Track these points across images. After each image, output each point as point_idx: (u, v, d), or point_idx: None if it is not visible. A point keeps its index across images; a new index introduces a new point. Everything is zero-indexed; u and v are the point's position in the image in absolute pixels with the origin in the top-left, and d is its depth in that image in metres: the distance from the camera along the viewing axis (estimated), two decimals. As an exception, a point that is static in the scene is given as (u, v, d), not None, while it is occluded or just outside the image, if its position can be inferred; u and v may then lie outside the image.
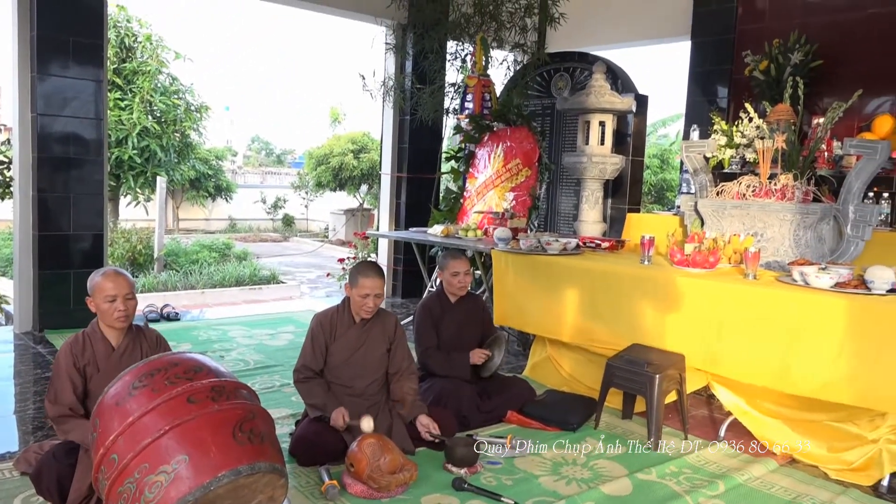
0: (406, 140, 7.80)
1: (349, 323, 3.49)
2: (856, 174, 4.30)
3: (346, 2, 7.29)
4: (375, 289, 3.39)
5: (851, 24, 6.29)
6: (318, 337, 3.46)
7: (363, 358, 3.46)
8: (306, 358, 3.46)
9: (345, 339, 3.46)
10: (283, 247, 14.98)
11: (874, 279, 3.43)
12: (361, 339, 3.47)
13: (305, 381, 3.43)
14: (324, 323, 3.49)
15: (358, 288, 3.39)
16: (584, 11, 8.02)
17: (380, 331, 3.52)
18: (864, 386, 3.28)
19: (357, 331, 3.48)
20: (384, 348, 3.52)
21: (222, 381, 2.43)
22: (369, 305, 3.40)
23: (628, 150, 6.70)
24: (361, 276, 3.39)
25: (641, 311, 4.11)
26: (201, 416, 2.28)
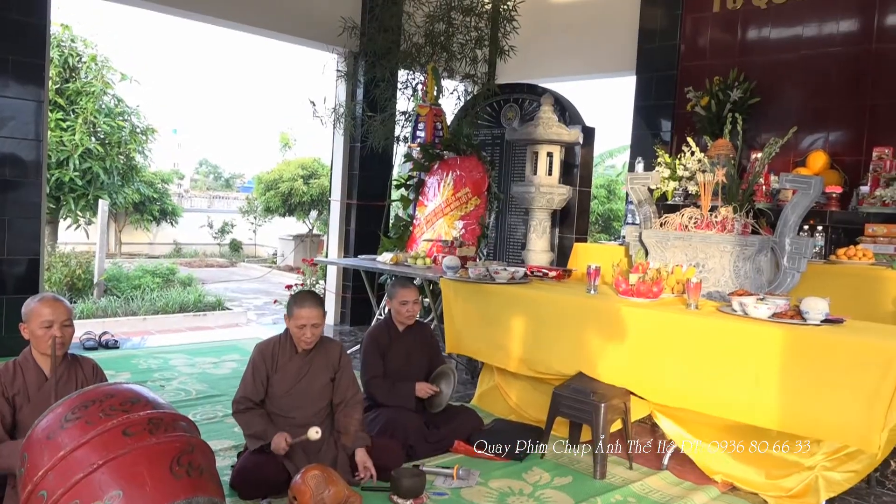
0: (356, 167, 7.80)
1: (291, 353, 3.41)
2: (791, 208, 4.46)
3: (297, 29, 7.29)
4: (312, 319, 3.31)
5: (786, 63, 6.57)
6: (258, 367, 3.38)
7: (306, 388, 3.40)
8: (246, 389, 3.37)
9: (287, 370, 3.38)
10: (229, 272, 14.72)
11: (809, 310, 3.55)
12: (304, 370, 3.40)
13: (245, 411, 3.34)
14: (265, 352, 3.41)
15: (294, 319, 3.32)
16: (534, 45, 8.19)
17: (323, 360, 3.45)
18: (799, 413, 3.37)
19: (299, 360, 3.41)
20: (328, 378, 3.45)
21: (160, 412, 2.36)
22: (307, 336, 3.32)
23: (576, 181, 6.82)
24: (297, 306, 3.32)
25: (587, 341, 4.15)
26: (137, 449, 2.21)
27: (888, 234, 5.15)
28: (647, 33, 7.46)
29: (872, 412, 3.16)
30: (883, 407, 3.13)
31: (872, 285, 4.57)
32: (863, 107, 6.18)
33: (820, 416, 3.31)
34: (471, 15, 7.24)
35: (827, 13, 6.37)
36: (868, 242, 5.17)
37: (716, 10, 7.01)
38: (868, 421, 3.16)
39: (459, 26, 7.24)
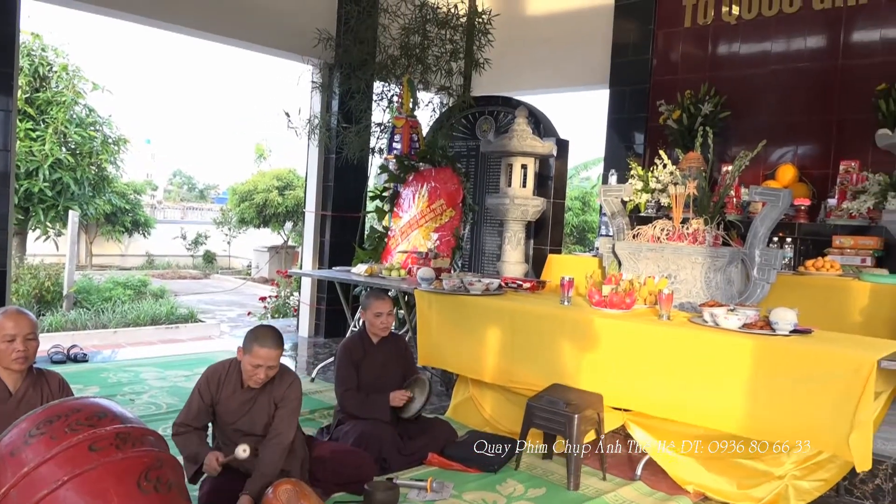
0: (331, 178, 7.78)
1: (236, 386, 3.17)
2: (761, 220, 4.53)
3: (272, 40, 7.27)
4: (270, 360, 3.06)
5: (756, 78, 6.69)
6: (204, 395, 3.16)
7: (251, 423, 3.19)
8: (189, 415, 3.15)
9: (228, 403, 3.16)
10: (203, 284, 14.57)
11: (778, 320, 3.60)
12: (246, 407, 3.18)
13: (182, 434, 3.15)
14: (211, 381, 3.18)
15: (251, 356, 3.05)
16: (509, 58, 8.25)
17: (267, 399, 3.18)
18: (770, 421, 3.41)
19: (243, 395, 3.17)
20: (269, 414, 3.18)
21: (128, 427, 2.32)
22: (260, 377, 3.08)
23: (550, 193, 6.87)
24: (258, 343, 3.05)
25: (561, 352, 4.17)
26: (103, 464, 2.17)
27: (855, 246, 5.25)
28: (620, 47, 7.56)
29: (841, 420, 3.20)
30: (852, 415, 3.18)
31: (840, 296, 4.65)
32: (830, 121, 6.31)
33: (791, 425, 3.35)
34: (446, 28, 7.27)
35: (794, 29, 6.50)
36: (836, 254, 5.26)
37: (687, 26, 7.12)
38: (838, 428, 3.21)
39: (435, 39, 7.27)
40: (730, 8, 6.84)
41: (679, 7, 7.17)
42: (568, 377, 4.12)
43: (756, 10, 6.69)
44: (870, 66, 6.10)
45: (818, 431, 3.27)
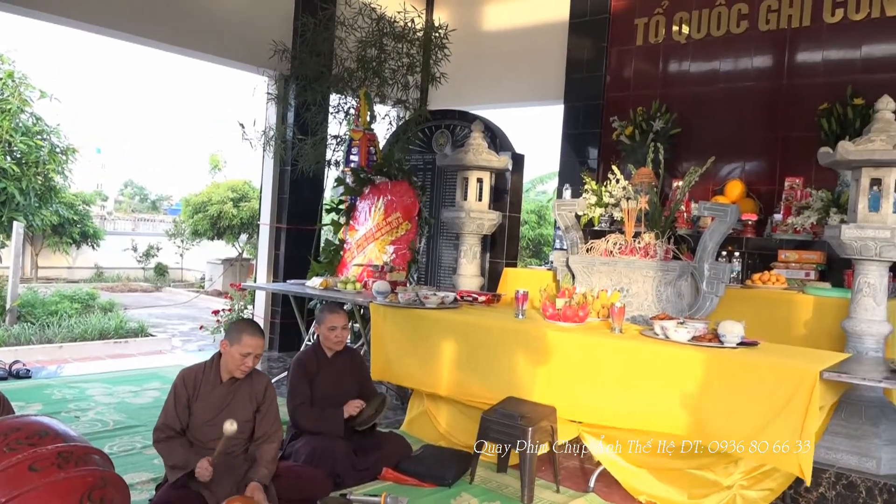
0: (286, 190, 7.71)
1: (215, 381, 3.32)
2: (710, 234, 4.63)
3: (228, 51, 7.20)
4: (258, 348, 3.29)
5: (705, 96, 6.87)
6: (180, 394, 3.27)
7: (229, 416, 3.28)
8: (167, 416, 3.26)
9: (209, 398, 3.28)
10: (154, 297, 14.26)
11: (726, 333, 3.68)
12: (227, 399, 3.30)
13: (166, 440, 3.22)
14: (188, 379, 3.31)
15: (240, 346, 3.24)
16: (466, 72, 8.32)
17: (247, 392, 3.35)
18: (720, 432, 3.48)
19: (223, 390, 3.31)
20: (251, 410, 3.34)
21: (70, 445, 2.26)
22: (248, 364, 3.27)
23: (506, 206, 6.92)
24: (246, 333, 3.26)
25: (515, 365, 4.19)
26: (45, 485, 2.11)
27: (799, 260, 5.41)
28: (575, 64, 7.69)
29: (786, 430, 3.28)
30: (797, 425, 3.26)
31: (785, 309, 4.78)
32: (776, 138, 6.50)
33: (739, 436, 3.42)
34: (403, 41, 7.30)
35: (742, 50, 6.70)
36: (781, 268, 5.41)
37: (639, 44, 7.28)
38: (783, 438, 3.29)
39: (391, 52, 7.29)
40: (680, 28, 7.02)
41: (631, 26, 7.33)
42: (522, 390, 4.15)
43: (705, 30, 6.88)
44: (813, 85, 6.32)
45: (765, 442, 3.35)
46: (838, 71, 6.21)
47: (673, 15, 7.07)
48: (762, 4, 6.58)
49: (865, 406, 3.91)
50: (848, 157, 3.90)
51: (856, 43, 6.16)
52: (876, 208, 3.91)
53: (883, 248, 3.84)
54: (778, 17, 6.51)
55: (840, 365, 3.46)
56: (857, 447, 3.76)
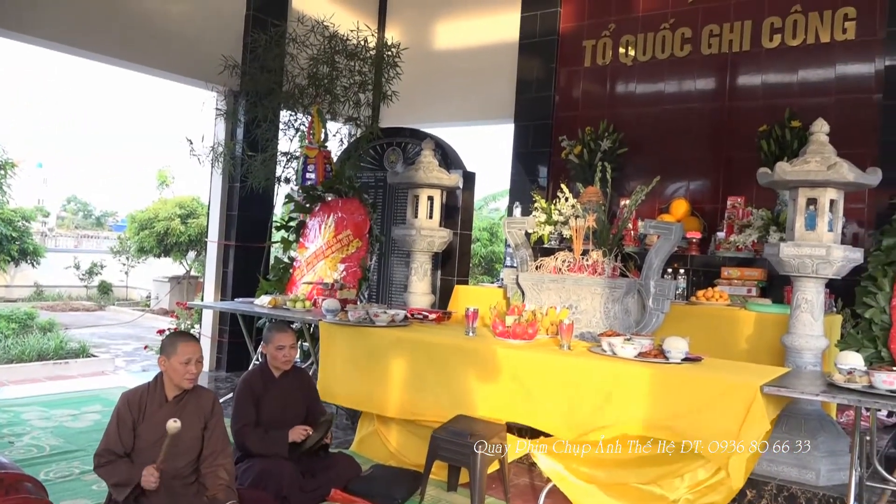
0: (235, 207, 7.59)
1: (161, 401, 3.24)
2: (655, 252, 4.72)
3: (176, 66, 7.09)
4: (196, 353, 3.24)
5: (651, 116, 7.04)
6: (124, 417, 3.18)
7: (176, 438, 3.21)
8: (110, 441, 3.15)
9: (155, 419, 3.19)
10: (97, 316, 13.85)
11: (671, 349, 3.75)
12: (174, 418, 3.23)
13: (107, 464, 3.12)
14: (132, 402, 3.21)
15: (178, 355, 3.19)
16: (418, 90, 8.36)
17: (195, 408, 3.28)
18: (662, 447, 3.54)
19: (169, 409, 3.22)
20: (199, 428, 3.28)
21: (1, 473, 2.16)
22: (192, 371, 3.21)
23: (457, 224, 6.95)
24: (180, 342, 3.22)
25: (466, 383, 4.19)
26: (-29, 515, 2.01)
27: (741, 277, 5.55)
28: (525, 84, 7.80)
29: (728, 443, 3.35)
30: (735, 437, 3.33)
31: (728, 325, 4.90)
32: (719, 159, 6.70)
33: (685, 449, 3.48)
34: (354, 59, 7.30)
35: (686, 72, 6.90)
36: (724, 285, 5.55)
37: (587, 65, 7.43)
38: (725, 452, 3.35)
39: (343, 70, 7.27)
40: (626, 50, 7.19)
41: (579, 47, 7.48)
42: (472, 408, 4.14)
43: (650, 52, 7.06)
44: (753, 108, 6.54)
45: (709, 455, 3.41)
46: (777, 94, 6.44)
47: (619, 38, 7.25)
48: (704, 29, 6.79)
49: (805, 419, 4.03)
50: (785, 177, 4.03)
51: (793, 67, 6.40)
52: (812, 227, 4.04)
53: (819, 266, 3.97)
54: (720, 42, 6.73)
55: (780, 379, 3.56)
56: (798, 459, 3.86)
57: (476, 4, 8.45)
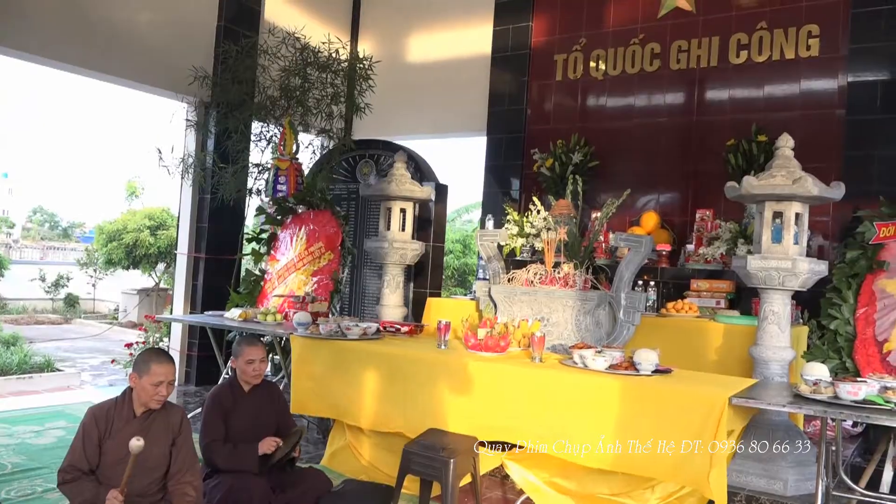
0: (205, 219, 7.51)
1: (129, 417, 3.18)
2: (626, 264, 4.77)
3: (145, 76, 7.02)
4: (169, 375, 3.18)
5: (622, 130, 7.12)
6: (90, 432, 3.11)
7: (142, 456, 3.15)
8: (74, 457, 3.09)
9: (123, 435, 3.12)
10: (63, 330, 13.58)
11: (641, 361, 3.78)
12: (141, 436, 3.16)
13: (72, 481, 3.05)
14: (98, 417, 3.15)
15: (150, 375, 3.13)
16: (391, 103, 8.37)
17: (163, 425, 3.22)
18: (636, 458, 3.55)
19: (137, 425, 3.16)
20: (167, 444, 3.22)
21: (-42, 493, 2.10)
22: (162, 393, 3.16)
23: (429, 236, 6.95)
24: (154, 362, 3.16)
25: (438, 396, 4.17)
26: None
27: (710, 289, 5.62)
28: (497, 97, 7.85)
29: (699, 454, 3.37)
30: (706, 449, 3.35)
31: (697, 336, 4.95)
32: (688, 172, 6.79)
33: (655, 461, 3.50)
34: (327, 71, 7.29)
35: (655, 87, 7.00)
36: (694, 297, 5.61)
37: (559, 79, 7.50)
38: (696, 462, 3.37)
39: (315, 82, 7.26)
40: (597, 64, 7.28)
41: (551, 61, 7.55)
42: (444, 421, 4.13)
43: (621, 67, 7.16)
44: (721, 122, 6.65)
45: (679, 466, 3.43)
46: (743, 109, 6.56)
47: (590, 52, 7.33)
48: (673, 45, 6.90)
49: (772, 429, 4.08)
50: (752, 191, 4.10)
51: (759, 83, 6.53)
52: (778, 240, 4.11)
53: (785, 278, 4.04)
54: (688, 58, 6.84)
55: (748, 390, 3.60)
56: (766, 469, 3.91)
57: (449, 18, 8.50)
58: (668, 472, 3.48)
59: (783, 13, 6.44)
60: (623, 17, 7.20)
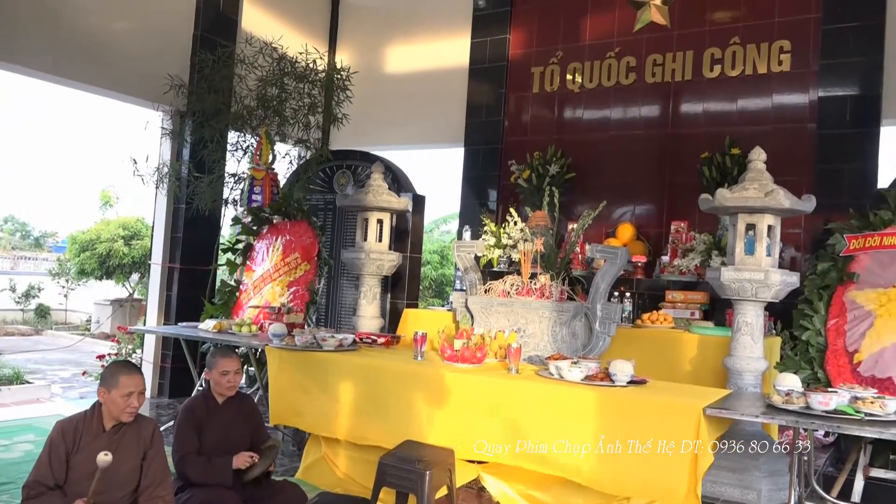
0: (180, 229, 7.44)
1: (97, 431, 3.12)
2: (602, 276, 4.79)
3: (120, 85, 6.95)
4: (139, 385, 3.13)
5: (598, 142, 7.18)
6: (57, 447, 3.05)
7: (112, 470, 3.09)
8: (40, 472, 3.02)
9: (91, 449, 3.06)
10: (34, 341, 13.34)
11: (617, 372, 3.79)
12: (111, 450, 3.09)
13: (37, 496, 2.98)
14: (66, 431, 3.09)
15: (118, 388, 3.07)
16: (369, 113, 8.37)
17: (134, 439, 3.17)
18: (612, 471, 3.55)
19: (107, 439, 3.11)
20: (138, 458, 3.17)
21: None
22: (134, 405, 3.10)
23: (407, 247, 6.94)
24: (122, 374, 3.11)
25: (414, 407, 4.15)
26: None
27: (685, 300, 5.67)
28: (475, 108, 7.88)
29: (676, 468, 3.38)
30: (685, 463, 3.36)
31: (672, 347, 4.98)
32: (663, 184, 6.86)
33: (630, 474, 3.50)
34: (304, 82, 7.27)
35: (631, 100, 7.07)
36: (669, 308, 5.66)
37: (535, 91, 7.56)
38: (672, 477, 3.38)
39: (293, 92, 7.24)
40: (574, 77, 7.34)
41: (528, 74, 7.60)
42: (421, 433, 4.11)
43: (597, 80, 7.23)
44: (695, 135, 6.73)
45: (654, 478, 3.44)
46: (717, 122, 6.65)
47: (567, 65, 7.40)
48: (648, 58, 6.99)
49: (746, 440, 4.11)
50: (725, 203, 4.15)
51: (732, 97, 6.63)
52: (751, 252, 4.16)
53: (758, 290, 4.08)
54: (663, 71, 6.92)
55: (722, 401, 3.62)
56: (739, 480, 3.94)
57: (427, 29, 8.53)
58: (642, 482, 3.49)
59: (755, 29, 6.55)
60: (599, 30, 7.28)
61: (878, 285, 4.37)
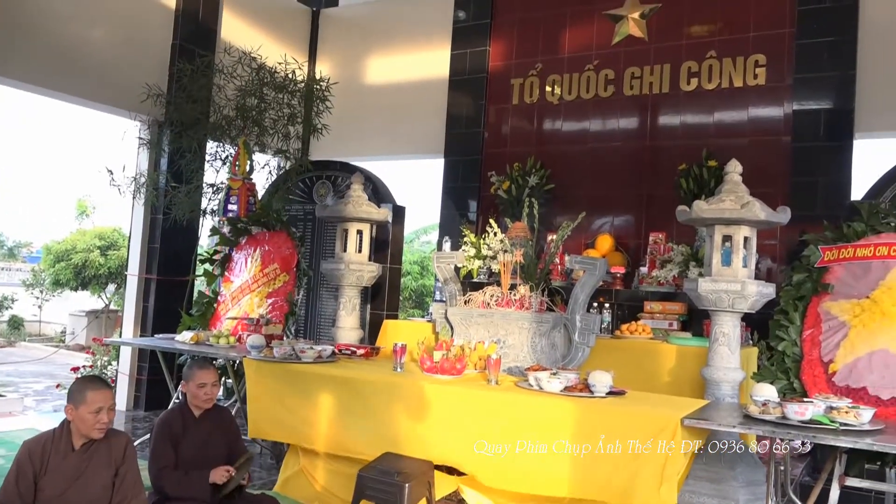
0: (157, 240, 7.37)
1: (66, 451, 3.02)
2: (581, 286, 4.81)
3: (97, 94, 6.89)
4: (108, 400, 3.06)
5: (577, 154, 7.23)
6: (24, 469, 2.95)
7: (83, 490, 3.00)
8: (7, 494, 2.92)
9: (60, 470, 2.98)
10: (6, 353, 13.12)
11: (595, 383, 3.81)
12: (81, 468, 3.01)
13: None
14: (34, 452, 2.98)
15: (87, 404, 2.99)
16: (349, 124, 8.37)
17: (105, 456, 3.08)
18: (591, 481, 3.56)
19: (76, 458, 3.02)
20: (109, 476, 3.08)
21: None
22: (104, 420, 3.02)
23: (386, 258, 6.93)
24: (90, 390, 3.02)
25: (393, 419, 4.13)
26: None
27: (663, 311, 5.70)
28: (455, 119, 7.91)
29: (651, 477, 3.40)
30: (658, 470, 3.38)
31: (651, 358, 5.00)
32: (641, 195, 6.91)
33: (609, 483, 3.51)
34: (284, 92, 7.25)
35: (609, 112, 7.13)
36: (647, 318, 5.69)
37: (515, 103, 7.60)
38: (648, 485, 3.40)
39: (272, 102, 7.21)
40: (553, 89, 7.39)
41: (507, 86, 7.64)
42: (400, 445, 4.09)
43: (576, 92, 7.28)
44: (673, 147, 6.80)
45: (631, 488, 3.45)
46: (694, 135, 6.72)
47: (546, 77, 7.45)
48: (626, 71, 7.06)
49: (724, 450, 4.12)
50: (702, 215, 4.19)
51: (709, 110, 6.71)
52: (728, 263, 4.20)
53: (735, 300, 4.11)
54: (641, 84, 6.99)
55: (699, 411, 3.64)
56: (718, 490, 3.94)
57: (407, 41, 8.56)
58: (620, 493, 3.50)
59: (731, 43, 6.64)
60: (578, 43, 7.34)
61: (851, 296, 4.42)
